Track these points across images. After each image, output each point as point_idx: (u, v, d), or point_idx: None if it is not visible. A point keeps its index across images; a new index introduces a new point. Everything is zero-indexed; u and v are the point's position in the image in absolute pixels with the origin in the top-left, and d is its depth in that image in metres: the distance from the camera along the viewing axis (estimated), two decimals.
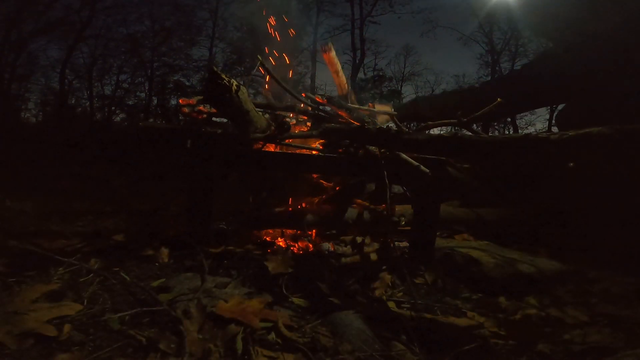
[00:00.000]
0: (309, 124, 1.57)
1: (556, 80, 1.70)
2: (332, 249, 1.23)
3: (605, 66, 1.49)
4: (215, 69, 1.03)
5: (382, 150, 1.21)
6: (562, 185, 1.66)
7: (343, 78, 1.94)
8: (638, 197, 1.34)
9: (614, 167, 1.37)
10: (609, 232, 1.38)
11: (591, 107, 1.58)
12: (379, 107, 1.90)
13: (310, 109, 1.53)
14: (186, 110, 1.35)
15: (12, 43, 10.83)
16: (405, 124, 2.27)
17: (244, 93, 1.08)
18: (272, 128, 1.26)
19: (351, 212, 1.32)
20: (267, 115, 1.46)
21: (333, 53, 1.92)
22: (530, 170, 1.79)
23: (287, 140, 1.33)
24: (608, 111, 1.46)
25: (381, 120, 1.93)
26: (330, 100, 1.53)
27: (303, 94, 1.51)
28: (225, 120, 1.43)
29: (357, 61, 13.84)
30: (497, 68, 13.48)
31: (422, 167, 1.14)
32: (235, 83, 1.03)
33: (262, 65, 1.39)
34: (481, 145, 0.88)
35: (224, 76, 1.00)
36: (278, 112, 1.52)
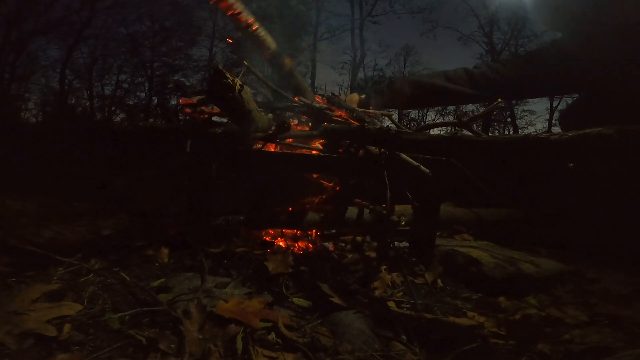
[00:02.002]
0: (310, 123, 1.57)
1: (567, 69, 1.64)
2: (332, 249, 1.23)
3: (621, 60, 1.46)
4: (220, 67, 1.03)
5: (382, 150, 1.21)
6: (563, 184, 1.66)
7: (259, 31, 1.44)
8: (638, 197, 1.33)
9: (615, 167, 1.37)
10: (609, 232, 1.38)
11: (600, 105, 1.54)
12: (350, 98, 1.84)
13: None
14: (188, 110, 1.35)
15: (12, 43, 10.83)
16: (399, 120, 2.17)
17: (247, 93, 1.08)
18: (273, 128, 1.26)
19: (351, 212, 1.32)
20: (269, 115, 1.46)
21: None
22: (530, 170, 1.79)
23: (287, 140, 1.34)
24: (620, 109, 1.44)
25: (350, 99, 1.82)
26: (330, 100, 1.53)
27: (296, 98, 1.50)
28: (225, 120, 1.43)
29: (357, 61, 13.85)
30: None
31: (422, 168, 1.14)
32: (239, 82, 1.03)
33: (250, 69, 1.39)
34: (481, 145, 0.88)
35: (228, 75, 1.00)
36: (279, 112, 1.52)
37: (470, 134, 1.16)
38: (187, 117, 1.40)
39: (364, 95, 1.92)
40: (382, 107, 1.95)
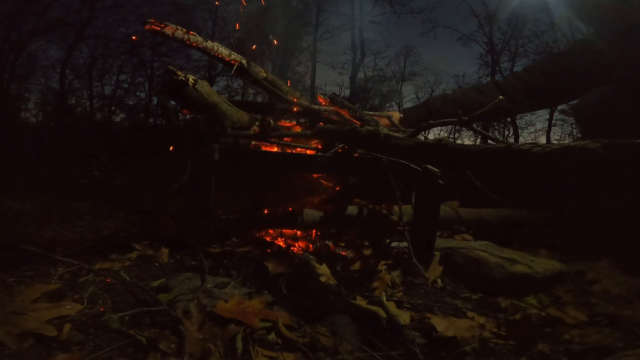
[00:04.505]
0: (307, 124, 1.57)
1: (596, 67, 1.61)
2: (332, 249, 1.23)
3: None
4: (171, 67, 1.10)
5: None
6: (562, 185, 1.66)
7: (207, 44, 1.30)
8: (637, 198, 1.33)
9: (602, 179, 1.36)
10: (610, 232, 1.37)
11: (630, 100, 1.52)
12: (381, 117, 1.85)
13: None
14: (186, 111, 1.35)
15: (12, 43, 10.83)
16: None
17: (204, 86, 1.13)
18: (255, 126, 1.28)
19: (351, 212, 1.32)
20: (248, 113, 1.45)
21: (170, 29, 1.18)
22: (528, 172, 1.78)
23: (285, 139, 1.34)
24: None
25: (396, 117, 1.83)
26: (332, 99, 1.53)
27: (294, 99, 1.50)
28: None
29: (357, 61, 13.85)
30: (497, 68, 13.50)
31: (430, 167, 1.14)
32: (192, 78, 1.07)
33: (243, 68, 1.37)
34: (463, 154, 0.89)
35: (179, 72, 1.06)
36: (277, 112, 1.52)
37: (453, 142, 1.16)
38: (187, 117, 1.41)
39: (401, 114, 1.91)
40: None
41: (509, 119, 14.25)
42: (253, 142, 1.33)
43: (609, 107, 1.58)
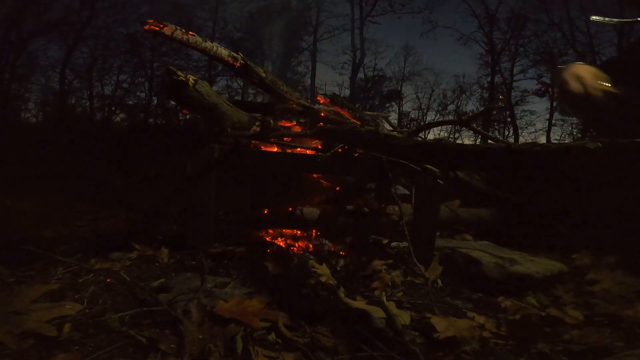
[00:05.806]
0: (307, 124, 1.57)
1: None
2: (332, 249, 1.23)
3: None
4: (171, 67, 1.12)
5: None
6: (563, 185, 1.66)
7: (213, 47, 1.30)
8: (637, 198, 1.33)
9: (602, 179, 1.34)
10: (609, 232, 1.37)
11: None
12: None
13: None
14: (186, 111, 1.35)
15: (12, 43, 10.83)
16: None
17: (204, 87, 1.13)
18: (255, 126, 1.28)
19: (351, 212, 1.32)
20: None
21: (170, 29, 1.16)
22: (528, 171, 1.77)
23: (285, 139, 1.34)
24: None
25: None
26: (332, 99, 1.53)
27: (291, 102, 1.50)
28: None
29: (357, 61, 13.85)
30: (497, 68, 13.51)
31: (430, 167, 1.14)
32: (192, 78, 1.08)
33: (243, 68, 1.37)
34: (463, 153, 0.88)
35: (179, 73, 1.09)
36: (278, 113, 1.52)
37: (453, 141, 1.15)
38: (187, 117, 1.41)
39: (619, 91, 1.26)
40: None
41: (509, 119, 14.24)
42: (253, 142, 1.33)
43: None
